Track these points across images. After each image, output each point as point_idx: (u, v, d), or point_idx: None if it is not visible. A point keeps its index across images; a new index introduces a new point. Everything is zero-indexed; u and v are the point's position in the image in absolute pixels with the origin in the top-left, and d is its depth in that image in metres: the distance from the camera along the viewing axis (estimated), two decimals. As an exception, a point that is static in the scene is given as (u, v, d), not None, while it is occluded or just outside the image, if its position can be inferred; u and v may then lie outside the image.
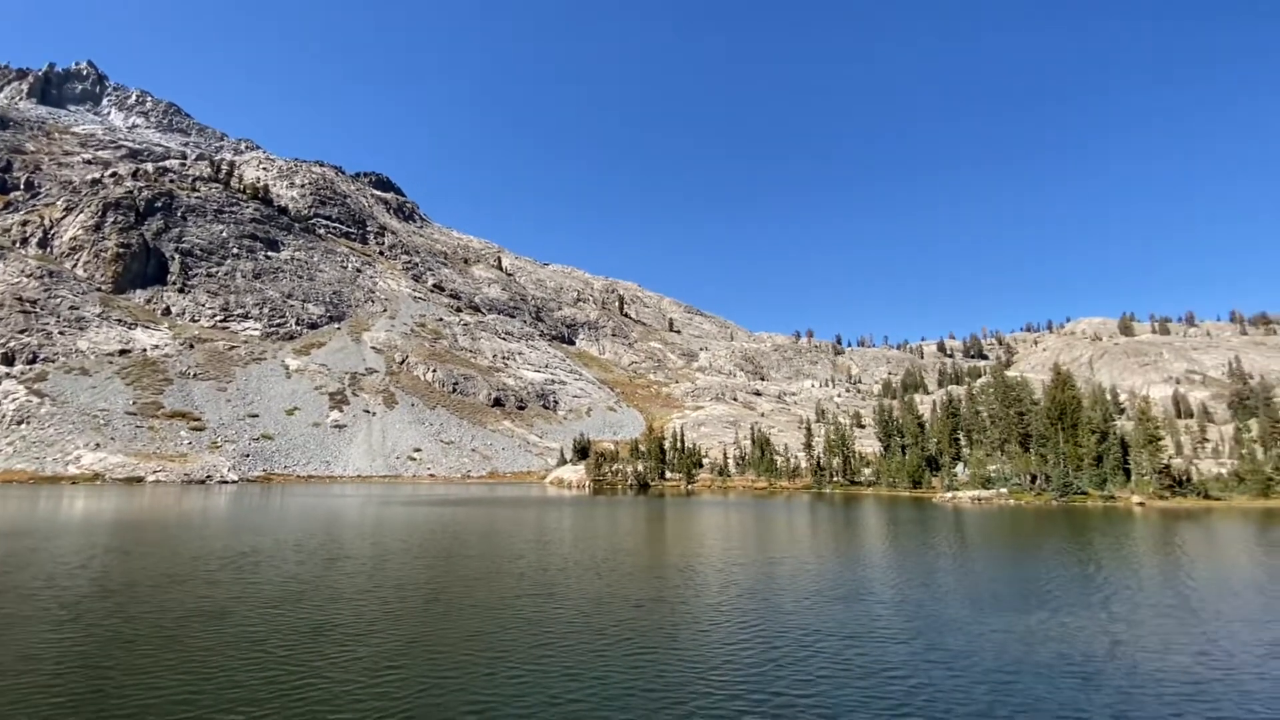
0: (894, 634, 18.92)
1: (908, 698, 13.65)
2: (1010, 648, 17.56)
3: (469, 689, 13.81)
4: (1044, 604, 23.11)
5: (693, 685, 14.31)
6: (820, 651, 16.93)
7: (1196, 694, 14.07)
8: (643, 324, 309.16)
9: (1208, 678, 15.14)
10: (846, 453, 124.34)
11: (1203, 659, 16.63)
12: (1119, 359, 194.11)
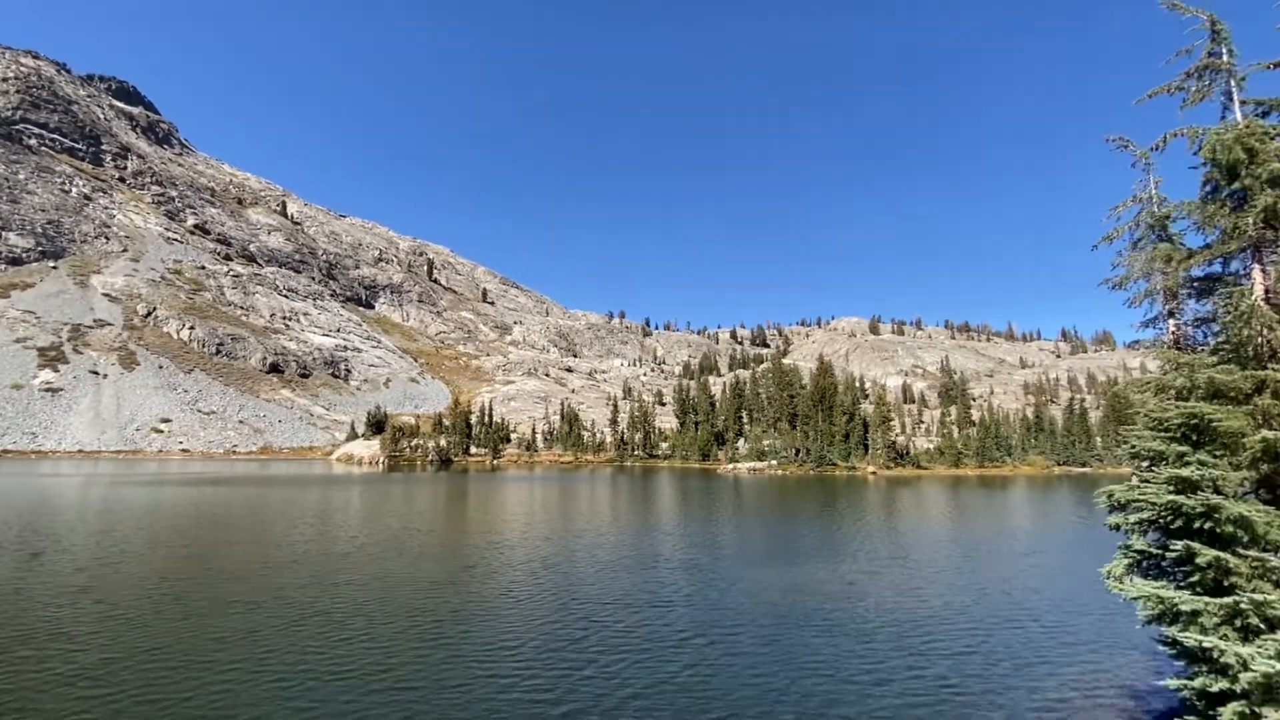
0: (681, 598, 20.85)
1: (695, 658, 15.27)
2: (777, 599, 20.47)
3: (202, 699, 12.32)
4: (802, 559, 27.26)
5: (484, 667, 14.40)
6: (613, 621, 18.04)
7: (915, 629, 17.76)
8: (454, 292, 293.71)
9: (921, 614, 19.16)
10: (648, 428, 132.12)
11: (915, 596, 21.01)
12: (867, 353, 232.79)
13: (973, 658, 15.07)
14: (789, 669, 14.14)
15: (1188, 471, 8.24)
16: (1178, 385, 9.40)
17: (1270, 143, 9.33)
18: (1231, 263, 9.58)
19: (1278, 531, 7.87)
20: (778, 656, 14.93)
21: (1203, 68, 9.84)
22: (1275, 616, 7.68)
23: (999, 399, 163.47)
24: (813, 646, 15.66)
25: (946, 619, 18.19)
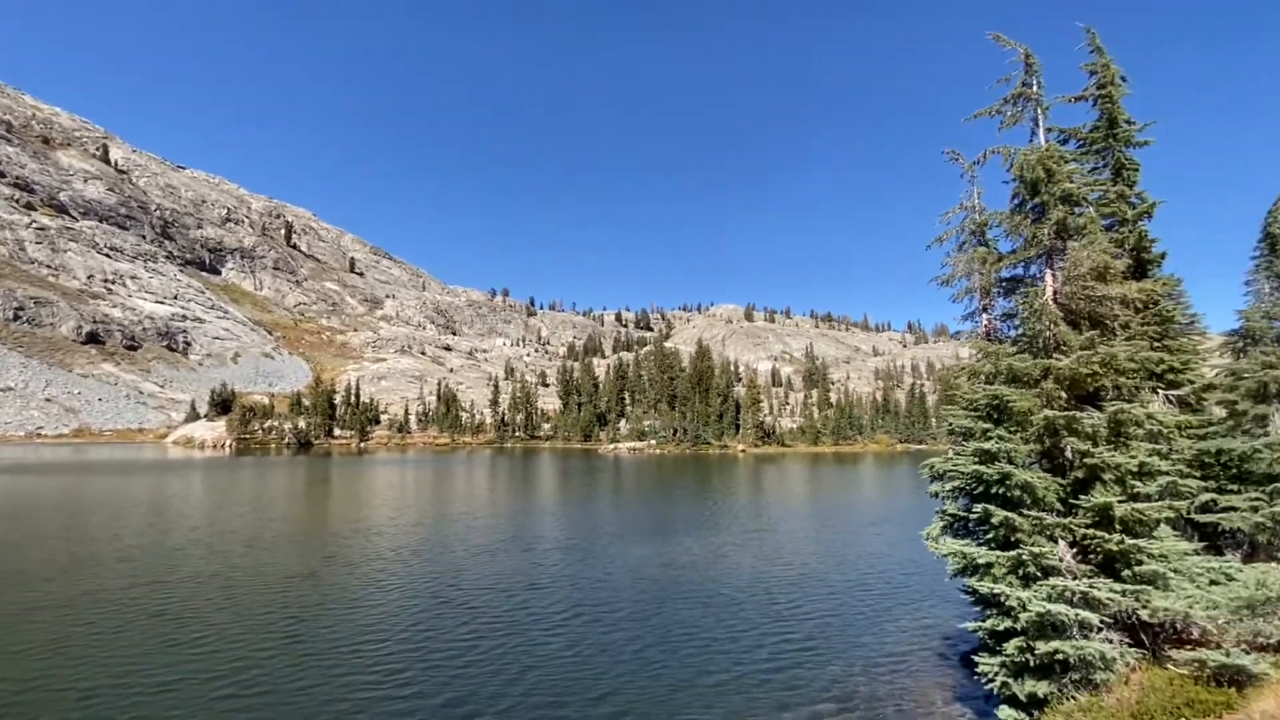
0: (561, 579, 20.98)
1: (575, 638, 15.46)
2: (656, 574, 21.20)
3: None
4: (677, 534, 28.43)
5: (349, 664, 13.71)
6: (490, 606, 17.81)
7: (782, 596, 19.13)
8: (316, 260, 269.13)
9: (785, 582, 20.68)
10: (530, 409, 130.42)
11: (780, 565, 22.66)
12: (742, 339, 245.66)
13: (831, 619, 16.66)
14: (667, 642, 14.78)
15: (989, 445, 9.62)
16: (986, 371, 10.89)
17: (1065, 165, 10.96)
18: (1031, 267, 11.22)
19: (1053, 494, 9.44)
20: (656, 631, 15.53)
21: (1017, 95, 11.33)
22: (1049, 565, 9.22)
23: (854, 383, 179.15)
24: (689, 619, 16.47)
25: (807, 585, 19.85)
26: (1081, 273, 10.19)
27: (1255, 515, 10.78)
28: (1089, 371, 9.58)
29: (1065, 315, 10.55)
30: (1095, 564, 9.16)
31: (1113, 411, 9.37)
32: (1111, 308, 10.56)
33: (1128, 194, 14.43)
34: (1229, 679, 7.62)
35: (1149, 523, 9.13)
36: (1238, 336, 13.06)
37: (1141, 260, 14.33)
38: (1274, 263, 12.24)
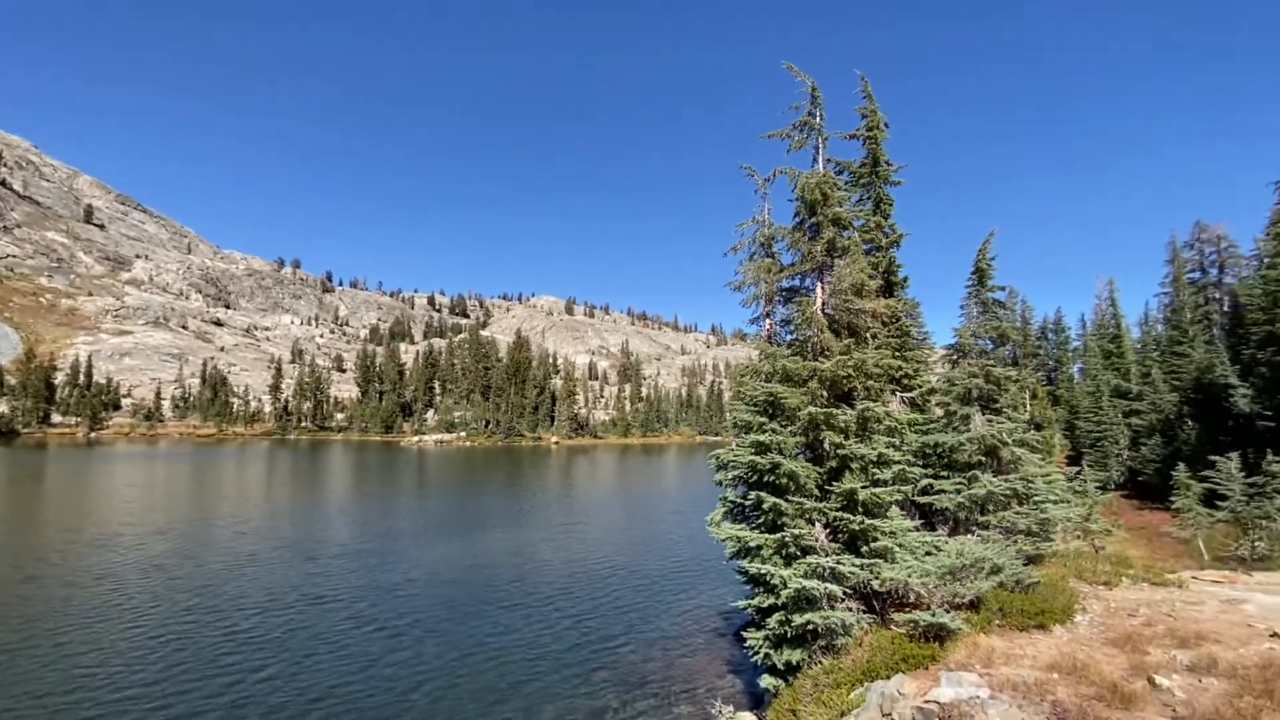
0: (347, 589, 18.87)
1: (360, 652, 13.84)
2: (457, 577, 19.99)
3: None
4: (482, 531, 27.31)
5: (69, 701, 10.89)
6: (252, 625, 15.39)
7: (586, 589, 19.05)
8: (36, 203, 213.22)
9: (592, 573, 20.73)
10: (320, 397, 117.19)
11: (583, 558, 22.73)
12: (562, 332, 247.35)
13: (629, 607, 17.18)
14: (465, 645, 14.00)
15: (764, 437, 10.51)
16: (765, 371, 11.93)
17: (837, 192, 12.39)
18: (806, 279, 12.58)
19: (813, 482, 10.62)
20: (453, 635, 14.62)
21: (803, 124, 12.58)
22: (807, 545, 10.33)
23: (664, 379, 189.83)
24: (490, 619, 15.80)
25: (610, 576, 20.26)
26: (844, 288, 11.59)
27: (958, 496, 13.20)
28: (845, 374, 10.92)
29: (830, 324, 11.93)
30: (843, 542, 10.47)
31: (861, 409, 10.78)
32: (865, 320, 12.17)
33: (883, 224, 16.85)
34: (935, 635, 9.15)
35: (884, 505, 10.68)
36: (953, 350, 15.96)
37: (890, 282, 16.83)
38: (980, 291, 15.16)
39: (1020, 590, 10.03)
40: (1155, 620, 9.35)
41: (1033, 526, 12.70)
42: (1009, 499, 13.01)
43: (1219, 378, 27.20)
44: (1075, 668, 7.34)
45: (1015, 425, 13.67)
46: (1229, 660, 7.40)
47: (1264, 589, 11.66)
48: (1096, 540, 16.09)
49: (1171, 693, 6.66)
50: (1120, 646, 8.17)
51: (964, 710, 6.56)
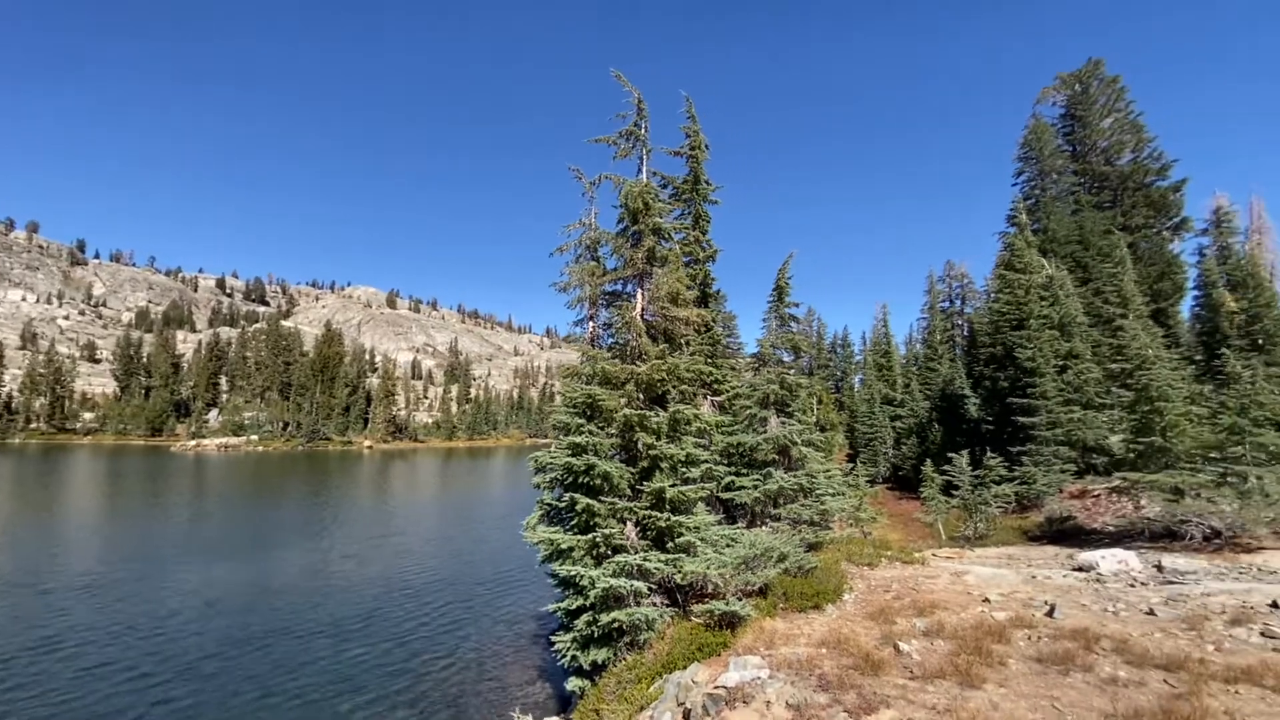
0: (95, 626, 15.37)
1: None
2: (236, 599, 17.19)
3: None
4: (278, 545, 23.98)
5: None
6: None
7: (395, 596, 17.41)
8: None
9: (409, 586, 19.04)
10: (61, 392, 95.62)
11: (398, 571, 20.89)
12: (382, 326, 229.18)
13: (443, 618, 16.14)
14: (233, 692, 11.98)
15: (580, 439, 10.55)
16: (586, 372, 12.00)
17: (659, 203, 12.90)
18: (627, 285, 12.94)
19: (626, 482, 10.89)
20: (224, 682, 12.44)
21: (629, 133, 12.94)
22: (618, 544, 10.53)
23: (495, 380, 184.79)
24: (273, 660, 13.75)
25: (424, 588, 18.95)
26: (662, 295, 12.09)
27: (755, 492, 14.43)
28: (659, 377, 11.36)
29: (648, 329, 12.36)
30: (651, 539, 10.85)
31: (673, 412, 11.30)
32: (681, 327, 12.81)
33: (701, 239, 17.96)
34: (728, 622, 9.82)
35: (691, 502, 11.28)
36: (755, 359, 17.50)
37: (705, 294, 17.98)
38: (779, 306, 16.82)
39: (802, 575, 11.18)
40: (903, 594, 10.97)
41: (814, 517, 14.28)
42: (796, 493, 14.50)
43: (958, 389, 33.16)
44: (840, 641, 8.31)
45: (804, 427, 15.30)
46: (953, 624, 8.88)
47: (981, 562, 14.29)
48: (865, 527, 18.59)
49: (911, 656, 7.81)
50: (875, 619, 9.43)
51: (747, 692, 7.08)
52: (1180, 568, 10.93)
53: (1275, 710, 5.79)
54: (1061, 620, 8.66)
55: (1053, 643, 7.71)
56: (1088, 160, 39.43)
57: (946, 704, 6.18)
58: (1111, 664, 7.05)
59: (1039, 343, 24.71)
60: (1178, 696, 6.02)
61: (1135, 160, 38.24)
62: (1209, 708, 5.67)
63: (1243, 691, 6.16)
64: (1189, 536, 12.67)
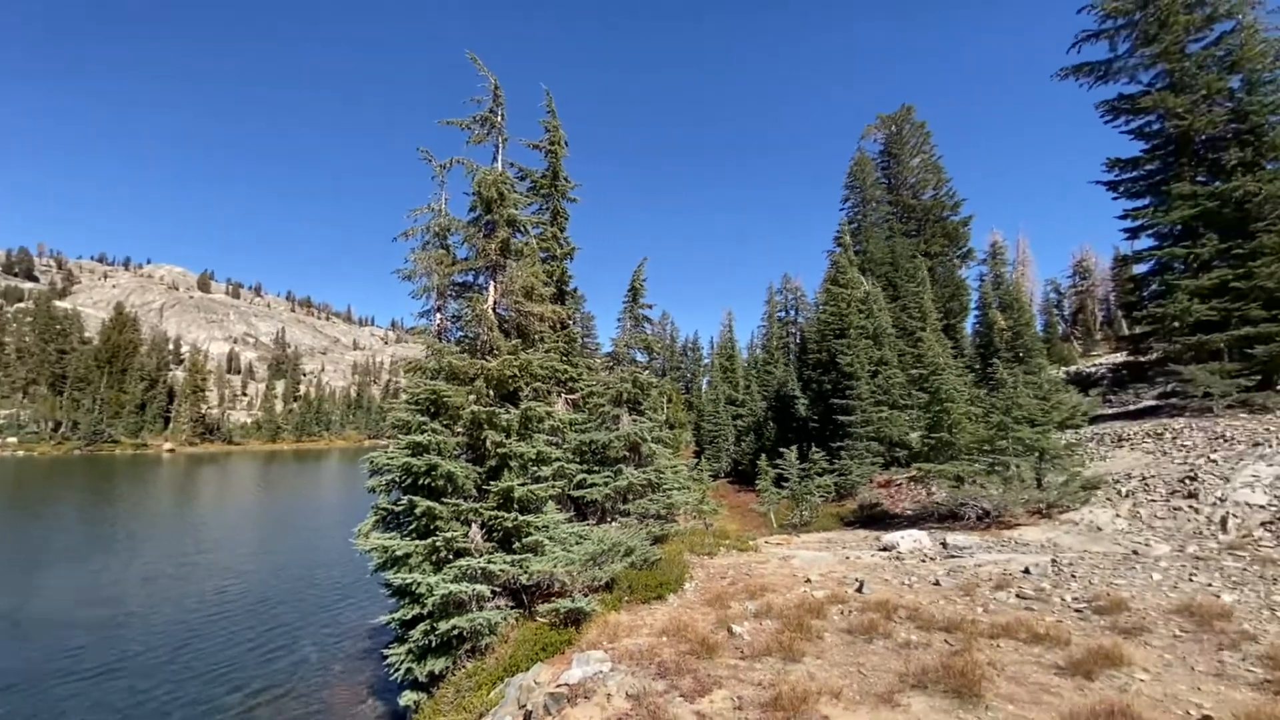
0: None
1: None
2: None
3: None
4: (47, 570, 19.67)
5: None
6: None
7: (209, 620, 14.92)
8: None
9: (216, 603, 16.42)
10: None
11: (209, 588, 18.03)
12: (191, 312, 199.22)
13: (260, 638, 14.32)
14: None
15: (422, 437, 9.92)
16: (431, 367, 11.34)
17: (514, 194, 12.56)
18: (479, 276, 12.44)
19: (472, 482, 10.44)
20: None
21: (485, 119, 12.46)
22: (461, 548, 10.05)
23: (330, 376, 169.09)
24: (76, 709, 11.22)
25: (241, 612, 16.67)
26: (516, 289, 11.78)
27: (606, 488, 14.58)
28: (511, 374, 11.06)
29: (501, 324, 11.98)
30: (497, 540, 10.51)
31: (524, 409, 11.04)
32: (535, 323, 12.58)
33: (559, 236, 17.83)
34: (573, 620, 9.79)
35: (541, 500, 11.10)
36: (610, 358, 17.75)
37: (562, 291, 17.88)
38: (634, 308, 17.20)
39: (647, 567, 11.49)
40: (738, 580, 11.70)
41: (661, 510, 14.77)
42: (645, 488, 14.90)
43: (790, 391, 36.27)
44: (679, 629, 8.63)
45: (654, 425, 15.77)
46: (780, 604, 9.61)
47: (806, 547, 15.68)
48: (707, 519, 19.61)
49: (742, 637, 8.32)
50: (713, 605, 9.94)
51: (589, 687, 7.09)
52: (960, 543, 12.83)
53: (1024, 658, 6.96)
54: (868, 595, 9.74)
55: (860, 615, 8.65)
56: (899, 193, 45.14)
57: (771, 679, 6.66)
58: (906, 630, 8.06)
59: (857, 350, 27.79)
60: (955, 653, 7.02)
61: (935, 196, 44.51)
62: (977, 660, 6.67)
63: (1002, 644, 7.33)
64: (967, 517, 14.93)
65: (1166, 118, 21.14)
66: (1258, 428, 15.59)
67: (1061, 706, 5.56)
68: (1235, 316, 18.45)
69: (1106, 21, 22.59)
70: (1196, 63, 20.58)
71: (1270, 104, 18.95)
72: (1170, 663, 6.62)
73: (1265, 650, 6.69)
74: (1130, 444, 17.46)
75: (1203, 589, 8.88)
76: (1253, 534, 11.13)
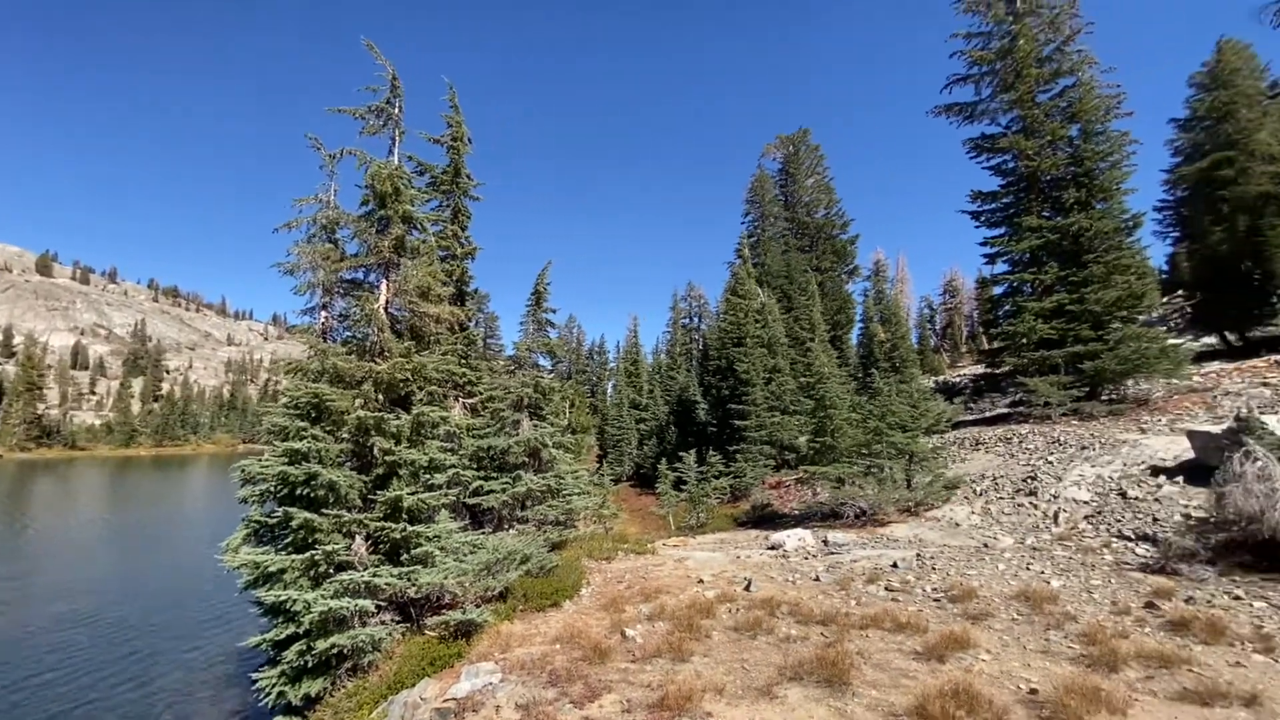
0: None
1: None
2: None
3: None
4: None
5: None
6: None
7: (43, 653, 12.89)
8: None
9: (52, 636, 14.24)
10: None
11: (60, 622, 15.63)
12: (27, 298, 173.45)
13: (103, 669, 12.55)
14: None
15: (301, 444, 9.27)
16: (314, 369, 10.63)
17: (411, 189, 12.06)
18: (371, 274, 11.81)
19: (356, 492, 9.87)
20: None
21: (380, 109, 11.88)
22: (343, 561, 9.48)
23: (199, 374, 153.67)
24: None
25: (90, 639, 14.64)
26: (410, 289, 11.31)
27: (504, 495, 14.30)
28: (403, 377, 10.59)
29: (393, 324, 11.46)
30: (384, 553, 10.01)
31: (417, 414, 10.61)
32: (430, 325, 12.13)
33: (460, 235, 17.32)
34: (464, 632, 9.52)
35: (432, 509, 10.69)
36: (512, 361, 17.45)
37: (462, 292, 17.36)
38: (537, 311, 17.01)
39: (543, 574, 11.39)
40: (634, 583, 11.87)
41: (560, 516, 14.70)
42: (545, 494, 14.76)
43: (691, 396, 37.28)
44: (573, 636, 8.64)
45: (555, 430, 15.67)
46: (673, 606, 9.86)
47: (701, 548, 16.17)
48: (607, 523, 19.73)
49: (635, 640, 8.46)
50: (608, 609, 10.03)
51: (478, 700, 6.93)
52: (839, 541, 13.75)
53: (889, 646, 7.58)
54: (755, 593, 10.22)
55: (747, 613, 9.05)
56: (795, 210, 47.76)
57: (660, 680, 6.83)
58: (787, 625, 8.54)
59: (753, 358, 29.07)
60: (829, 645, 7.52)
61: (827, 215, 47.51)
62: (847, 650, 7.19)
63: (870, 634, 7.95)
64: (846, 515, 16.02)
65: (1019, 158, 23.86)
66: (1085, 433, 17.91)
67: (916, 689, 6.12)
68: (1070, 336, 21.11)
69: (973, 68, 25.16)
70: (1044, 111, 23.40)
71: (1100, 152, 21.86)
72: (1008, 643, 7.47)
73: (1083, 629, 7.70)
74: (985, 447, 19.48)
75: (1037, 576, 10.09)
76: (1078, 526, 12.77)
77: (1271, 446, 10.20)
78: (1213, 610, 8.01)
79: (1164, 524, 11.60)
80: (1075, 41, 23.15)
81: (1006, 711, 5.62)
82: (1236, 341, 24.73)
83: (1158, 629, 7.64)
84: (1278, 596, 8.30)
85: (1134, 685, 6.14)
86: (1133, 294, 20.65)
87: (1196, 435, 13.64)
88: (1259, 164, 25.41)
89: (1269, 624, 7.52)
